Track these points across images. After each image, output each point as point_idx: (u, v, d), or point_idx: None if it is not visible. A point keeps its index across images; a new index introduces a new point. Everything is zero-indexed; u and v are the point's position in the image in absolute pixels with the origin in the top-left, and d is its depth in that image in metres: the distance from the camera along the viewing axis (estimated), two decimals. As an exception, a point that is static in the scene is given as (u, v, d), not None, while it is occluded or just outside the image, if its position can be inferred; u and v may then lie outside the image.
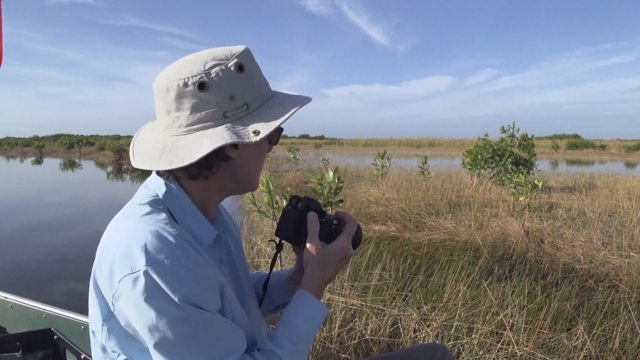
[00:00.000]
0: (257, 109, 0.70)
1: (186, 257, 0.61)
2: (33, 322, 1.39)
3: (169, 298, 0.58)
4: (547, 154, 33.28)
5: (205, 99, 0.66)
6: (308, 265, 0.78)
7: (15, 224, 6.21)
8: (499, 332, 2.33)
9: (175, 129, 0.68)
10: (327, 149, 41.06)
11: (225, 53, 0.69)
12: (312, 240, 0.77)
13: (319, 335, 2.40)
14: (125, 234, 0.62)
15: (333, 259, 0.77)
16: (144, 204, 0.67)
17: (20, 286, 3.46)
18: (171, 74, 0.67)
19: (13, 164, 22.50)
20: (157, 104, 0.70)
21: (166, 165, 0.65)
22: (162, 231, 0.61)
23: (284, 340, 0.72)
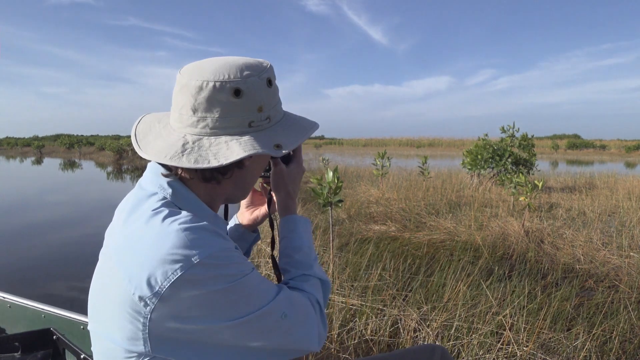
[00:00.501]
0: (275, 124, 0.73)
1: (221, 240, 0.63)
2: (32, 322, 1.38)
3: (228, 278, 0.61)
4: (547, 154, 33.28)
5: (237, 105, 0.67)
6: (280, 188, 0.88)
7: (15, 224, 6.21)
8: (499, 332, 2.33)
9: (199, 129, 0.67)
10: (327, 149, 41.07)
11: (259, 65, 0.71)
12: (278, 164, 0.88)
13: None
14: (154, 243, 0.60)
15: (298, 174, 0.89)
16: (159, 209, 0.64)
17: (19, 286, 3.46)
18: (207, 73, 0.66)
19: (13, 164, 22.50)
20: (181, 99, 0.68)
21: (190, 164, 0.64)
22: (192, 225, 0.62)
23: (304, 261, 0.81)
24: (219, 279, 0.60)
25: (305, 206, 6.32)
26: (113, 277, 0.62)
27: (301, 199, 7.08)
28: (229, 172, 0.70)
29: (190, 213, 0.66)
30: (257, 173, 0.80)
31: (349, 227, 4.94)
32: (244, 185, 0.78)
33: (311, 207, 6.24)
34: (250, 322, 0.63)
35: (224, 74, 0.66)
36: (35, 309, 1.38)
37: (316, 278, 0.81)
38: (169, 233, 0.60)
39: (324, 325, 0.77)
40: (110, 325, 0.63)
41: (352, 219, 5.48)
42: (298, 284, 0.78)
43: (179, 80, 0.68)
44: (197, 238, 0.60)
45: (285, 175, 0.87)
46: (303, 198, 7.17)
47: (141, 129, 0.73)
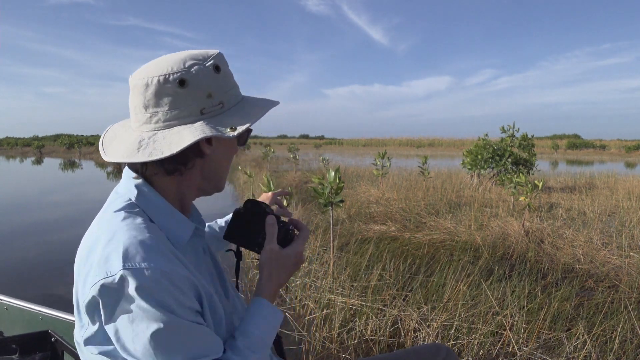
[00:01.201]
0: (231, 108, 0.73)
1: (163, 261, 0.61)
2: (30, 324, 1.37)
3: (144, 301, 0.58)
4: (547, 154, 33.28)
5: (184, 95, 0.68)
6: (265, 268, 0.79)
7: (14, 224, 6.20)
8: (499, 332, 2.34)
9: (153, 124, 0.69)
10: (327, 149, 41.06)
11: (202, 54, 0.72)
12: (271, 243, 0.79)
13: (319, 335, 2.40)
14: (103, 242, 0.62)
15: (289, 262, 0.79)
16: (119, 210, 0.67)
17: (17, 287, 3.46)
18: (150, 70, 0.69)
19: (13, 164, 22.51)
20: (134, 100, 0.71)
21: (144, 158, 0.66)
22: (139, 235, 0.62)
23: (247, 351, 0.70)
24: (136, 300, 0.58)
25: (305, 206, 6.32)
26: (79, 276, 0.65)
27: (302, 199, 7.08)
28: (189, 162, 0.71)
29: (148, 218, 0.69)
30: (224, 161, 0.78)
31: (349, 227, 4.94)
32: (211, 175, 0.77)
33: (312, 207, 6.24)
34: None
35: (167, 67, 0.68)
36: (33, 311, 1.37)
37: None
38: (116, 237, 0.62)
39: None
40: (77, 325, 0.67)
41: (352, 219, 5.48)
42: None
43: (130, 83, 0.71)
44: (134, 250, 0.60)
45: (273, 257, 0.78)
46: (304, 198, 7.18)
47: (108, 137, 0.76)
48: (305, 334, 2.45)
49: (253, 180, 8.28)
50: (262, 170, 12.73)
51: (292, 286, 3.09)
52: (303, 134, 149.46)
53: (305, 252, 0.79)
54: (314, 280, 3.05)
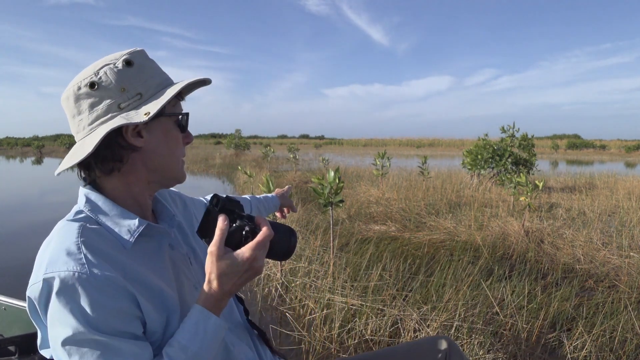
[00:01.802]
0: (152, 97, 0.74)
1: (86, 265, 0.62)
2: (28, 325, 1.35)
3: (61, 306, 0.61)
4: (547, 154, 33.28)
5: (98, 96, 0.71)
6: (206, 272, 0.70)
7: (14, 224, 6.20)
8: (499, 332, 2.34)
9: (82, 132, 0.73)
10: (327, 149, 41.06)
11: (115, 55, 0.75)
12: (214, 246, 0.69)
13: (319, 335, 2.41)
14: (41, 250, 0.68)
15: (235, 269, 0.68)
16: (63, 220, 0.71)
17: (15, 288, 3.46)
18: (69, 85, 0.74)
19: (13, 163, 22.51)
20: (67, 115, 0.76)
21: (69, 163, 0.70)
22: (67, 242, 0.65)
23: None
24: (51, 307, 0.62)
25: (305, 206, 6.32)
26: None
27: (301, 198, 7.08)
28: (123, 158, 0.73)
29: (95, 220, 0.72)
30: (166, 149, 0.77)
31: (349, 227, 4.94)
32: (156, 166, 0.77)
33: (312, 207, 6.24)
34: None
35: (80, 77, 0.73)
36: None
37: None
38: (49, 245, 0.67)
39: None
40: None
41: (352, 219, 5.48)
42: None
43: (61, 104, 0.76)
44: (57, 257, 0.63)
45: (211, 260, 0.69)
46: (303, 198, 7.18)
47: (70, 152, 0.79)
48: (305, 334, 2.45)
49: (253, 180, 8.28)
50: (262, 170, 12.73)
51: (292, 286, 3.10)
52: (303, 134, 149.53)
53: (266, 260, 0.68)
54: (314, 280, 3.05)
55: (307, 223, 5.11)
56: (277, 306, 2.91)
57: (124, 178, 0.75)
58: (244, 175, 8.24)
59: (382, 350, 1.16)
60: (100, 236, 0.69)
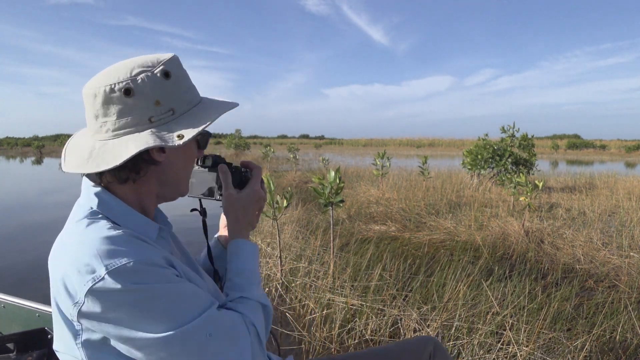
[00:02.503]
0: (183, 114, 0.72)
1: (138, 250, 0.63)
2: (27, 322, 1.37)
3: (139, 289, 0.60)
4: (547, 154, 33.27)
5: (131, 105, 0.68)
6: (229, 213, 0.84)
7: (14, 224, 6.20)
8: (499, 332, 2.34)
9: (103, 134, 0.70)
10: (327, 149, 41.05)
11: (152, 60, 0.71)
12: (228, 188, 0.84)
13: (319, 335, 2.41)
14: (73, 251, 0.63)
15: (250, 201, 0.85)
16: (81, 219, 0.68)
17: (14, 285, 3.45)
18: (99, 80, 0.69)
19: (13, 163, 22.51)
20: (86, 110, 0.71)
21: (93, 169, 0.67)
22: (108, 234, 0.63)
23: (244, 284, 0.79)
24: (132, 292, 0.59)
25: (305, 206, 6.32)
26: (52, 290, 0.66)
27: (302, 198, 7.08)
28: (142, 170, 0.71)
29: (112, 221, 0.69)
30: (182, 166, 0.77)
31: (349, 227, 4.94)
32: (169, 181, 0.76)
33: (312, 207, 6.24)
34: (172, 339, 0.62)
35: (114, 77, 0.68)
36: (30, 309, 1.37)
37: (255, 301, 0.78)
38: (85, 242, 0.62)
39: (261, 348, 0.75)
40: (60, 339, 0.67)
41: (352, 219, 5.48)
42: (234, 305, 0.76)
43: (83, 93, 0.72)
44: (110, 249, 0.61)
45: (233, 200, 0.84)
46: (304, 198, 7.18)
47: (71, 145, 0.75)
48: (306, 334, 2.46)
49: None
50: (264, 171, 12.72)
51: (292, 286, 3.10)
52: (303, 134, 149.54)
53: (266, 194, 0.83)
54: (314, 280, 3.05)
55: (307, 223, 5.11)
56: (277, 306, 2.91)
57: (137, 188, 0.74)
58: (244, 175, 8.23)
59: (367, 350, 1.16)
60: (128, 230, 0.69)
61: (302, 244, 4.01)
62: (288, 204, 3.15)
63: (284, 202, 3.13)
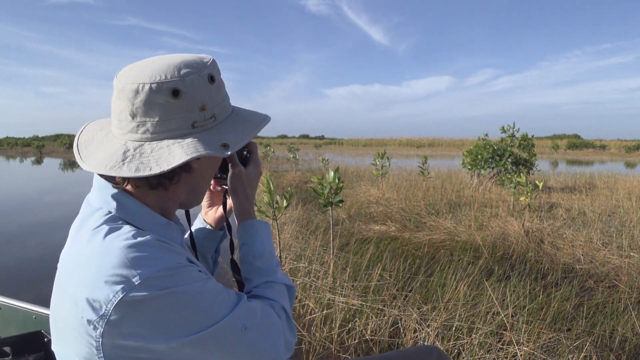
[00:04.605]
0: (223, 122, 0.70)
1: (166, 257, 0.60)
2: (23, 324, 1.35)
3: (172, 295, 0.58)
4: (547, 154, 33.28)
5: (177, 106, 0.63)
6: (238, 190, 0.84)
7: (13, 224, 6.20)
8: (499, 332, 2.34)
9: (139, 134, 0.64)
10: (327, 149, 41.06)
11: (197, 61, 0.67)
12: (237, 166, 0.83)
13: (319, 335, 2.40)
14: (96, 262, 0.58)
15: (255, 177, 0.86)
16: (100, 226, 0.62)
17: (12, 287, 3.44)
18: (141, 74, 0.63)
19: (13, 163, 22.51)
20: (119, 104, 0.65)
21: (131, 173, 0.61)
22: (135, 242, 0.59)
23: (266, 268, 0.79)
24: (166, 297, 0.57)
25: (305, 206, 6.32)
26: (64, 299, 0.61)
27: (302, 198, 7.08)
28: (175, 177, 0.67)
29: (135, 227, 0.64)
30: (209, 175, 0.76)
31: (349, 227, 4.94)
32: (195, 189, 0.74)
33: (312, 207, 6.24)
34: (208, 337, 0.61)
35: (161, 74, 0.63)
36: (27, 311, 1.35)
37: (280, 284, 0.78)
38: (109, 252, 0.58)
39: (291, 332, 0.75)
40: (70, 347, 0.61)
41: (352, 219, 5.48)
42: (261, 292, 0.75)
43: (116, 85, 0.65)
44: (138, 257, 0.57)
45: (243, 177, 0.83)
46: (304, 198, 7.18)
47: (84, 139, 0.70)
48: (306, 334, 2.45)
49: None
50: (264, 170, 12.72)
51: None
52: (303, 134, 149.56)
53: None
54: (314, 280, 3.05)
55: (307, 223, 5.11)
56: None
57: (164, 194, 0.70)
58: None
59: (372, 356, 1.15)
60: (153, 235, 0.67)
61: (302, 244, 4.01)
62: (288, 204, 3.15)
63: (284, 202, 3.12)
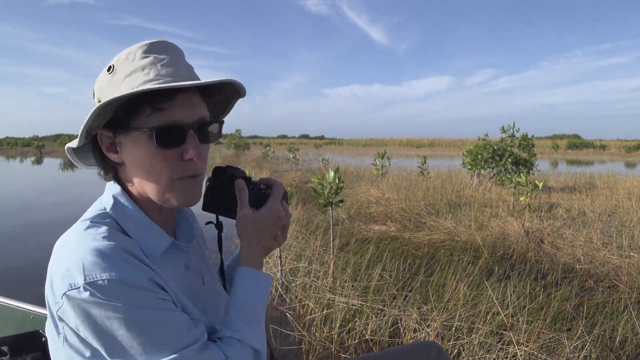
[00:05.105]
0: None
1: (123, 269, 0.60)
2: (21, 324, 1.35)
3: (112, 308, 0.58)
4: (547, 154, 33.27)
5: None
6: (243, 235, 0.76)
7: (13, 224, 6.20)
8: (499, 332, 2.34)
9: None
10: (327, 149, 41.06)
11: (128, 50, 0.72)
12: (242, 207, 0.75)
13: (319, 335, 2.40)
14: (67, 253, 0.62)
15: (266, 223, 0.76)
16: (87, 220, 0.67)
17: (10, 287, 3.43)
18: None
19: (13, 163, 22.51)
20: None
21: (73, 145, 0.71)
22: (98, 246, 0.60)
23: (240, 323, 0.71)
24: (106, 308, 0.58)
25: (305, 206, 6.32)
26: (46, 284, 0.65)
27: (302, 198, 7.08)
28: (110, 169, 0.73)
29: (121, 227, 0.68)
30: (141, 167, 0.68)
31: (349, 227, 4.94)
32: (138, 185, 0.71)
33: (312, 207, 6.24)
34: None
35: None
36: (25, 311, 1.35)
37: (247, 346, 0.70)
38: (75, 247, 0.61)
39: None
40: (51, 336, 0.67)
41: (352, 219, 5.48)
42: (221, 346, 0.68)
43: None
44: (94, 261, 0.59)
45: (247, 221, 0.75)
46: (303, 198, 7.18)
47: None
48: (306, 334, 2.45)
49: (253, 180, 8.25)
50: (262, 170, 12.74)
51: (292, 286, 3.10)
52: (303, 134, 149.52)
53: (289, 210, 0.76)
54: (314, 280, 3.05)
55: (307, 223, 5.11)
56: (277, 306, 2.91)
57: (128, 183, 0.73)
58: (244, 175, 8.24)
59: (370, 354, 1.15)
60: (129, 244, 0.66)
61: (302, 244, 4.01)
62: (288, 204, 3.15)
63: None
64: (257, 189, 0.78)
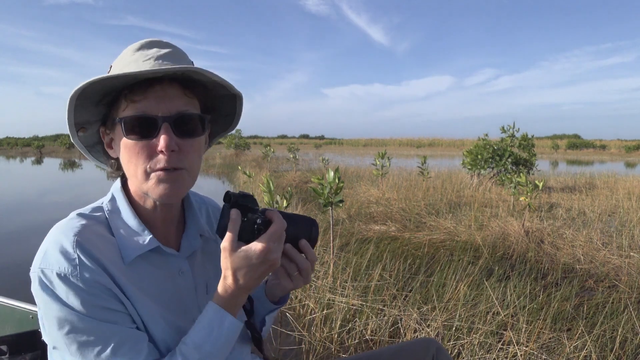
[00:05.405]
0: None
1: (73, 265, 0.62)
2: (20, 324, 1.36)
3: (52, 300, 0.62)
4: (547, 154, 33.27)
5: None
6: (223, 269, 0.68)
7: (13, 224, 6.20)
8: (499, 332, 2.34)
9: None
10: (327, 149, 41.06)
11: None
12: (226, 241, 0.68)
13: (319, 335, 2.40)
14: (46, 237, 0.68)
15: (249, 262, 0.66)
16: (78, 212, 0.72)
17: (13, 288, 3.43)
18: None
19: (13, 163, 22.50)
20: None
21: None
22: (63, 240, 0.64)
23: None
24: (47, 298, 0.62)
25: (305, 206, 6.32)
26: None
27: (302, 198, 7.08)
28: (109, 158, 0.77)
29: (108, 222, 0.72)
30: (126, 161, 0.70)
31: (349, 227, 4.94)
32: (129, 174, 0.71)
33: (312, 207, 6.24)
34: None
35: None
36: (24, 310, 1.36)
37: None
38: (50, 235, 0.67)
39: None
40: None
41: (352, 219, 5.48)
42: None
43: None
44: (51, 252, 0.63)
45: (224, 256, 0.68)
46: (303, 198, 7.17)
47: None
48: (306, 334, 2.45)
49: (253, 180, 8.28)
50: (262, 170, 12.73)
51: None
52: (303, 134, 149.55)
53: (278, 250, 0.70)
54: (314, 280, 3.05)
55: (307, 223, 5.10)
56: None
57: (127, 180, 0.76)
58: (244, 176, 8.23)
59: (372, 352, 1.15)
60: (103, 242, 0.68)
61: (302, 244, 4.01)
62: (288, 204, 3.15)
63: (284, 202, 3.12)
64: (252, 223, 0.70)
